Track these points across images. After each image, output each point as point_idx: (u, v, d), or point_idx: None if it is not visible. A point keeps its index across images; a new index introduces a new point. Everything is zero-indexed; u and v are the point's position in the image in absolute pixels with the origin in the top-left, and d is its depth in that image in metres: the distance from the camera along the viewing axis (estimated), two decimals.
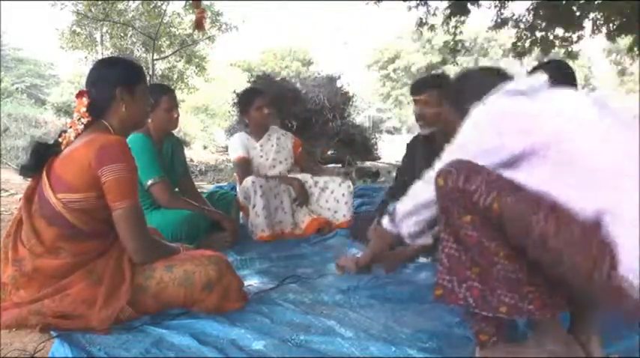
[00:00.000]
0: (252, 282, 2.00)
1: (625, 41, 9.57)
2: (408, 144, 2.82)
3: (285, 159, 3.24)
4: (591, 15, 8.48)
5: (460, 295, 1.21)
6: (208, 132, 18.88)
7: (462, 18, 8.75)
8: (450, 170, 1.17)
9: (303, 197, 3.04)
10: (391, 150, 11.00)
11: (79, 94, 1.61)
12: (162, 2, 13.21)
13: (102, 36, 14.80)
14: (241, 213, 3.08)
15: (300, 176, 3.18)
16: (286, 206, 2.98)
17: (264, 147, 3.20)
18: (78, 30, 14.46)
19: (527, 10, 8.75)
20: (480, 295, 1.19)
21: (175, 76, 16.54)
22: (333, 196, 3.09)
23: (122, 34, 14.86)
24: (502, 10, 8.92)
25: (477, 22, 19.72)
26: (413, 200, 1.38)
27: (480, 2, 8.38)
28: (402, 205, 1.42)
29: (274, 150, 3.20)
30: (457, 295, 1.22)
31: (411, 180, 2.32)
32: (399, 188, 2.50)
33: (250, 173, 3.08)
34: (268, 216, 2.86)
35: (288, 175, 3.20)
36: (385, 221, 1.50)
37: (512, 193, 1.10)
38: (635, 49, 9.02)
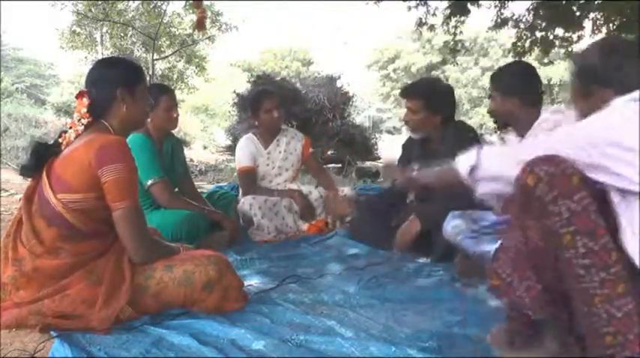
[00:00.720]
0: (252, 282, 2.00)
1: None
2: (403, 145, 2.79)
3: (292, 165, 3.16)
4: (591, 15, 8.47)
5: (518, 293, 1.18)
6: (208, 132, 18.94)
7: (462, 18, 8.74)
8: (543, 178, 1.08)
9: (307, 211, 2.99)
10: (391, 150, 10.98)
11: (80, 94, 1.61)
12: (162, 2, 13.23)
13: (102, 36, 14.82)
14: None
15: (304, 188, 3.13)
16: (289, 221, 2.96)
17: (272, 154, 3.12)
18: (78, 30, 14.49)
19: (527, 10, 8.74)
20: (538, 297, 1.17)
21: (175, 76, 16.56)
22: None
23: (122, 34, 14.88)
24: (502, 10, 8.90)
25: (477, 22, 19.63)
26: (500, 167, 1.27)
27: (480, 2, 8.37)
28: (489, 165, 1.31)
29: (281, 157, 3.12)
30: (515, 291, 1.19)
31: None
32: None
33: (253, 184, 3.04)
34: (272, 232, 2.86)
35: (291, 185, 3.13)
36: (465, 167, 1.36)
37: (589, 237, 1.05)
38: None
